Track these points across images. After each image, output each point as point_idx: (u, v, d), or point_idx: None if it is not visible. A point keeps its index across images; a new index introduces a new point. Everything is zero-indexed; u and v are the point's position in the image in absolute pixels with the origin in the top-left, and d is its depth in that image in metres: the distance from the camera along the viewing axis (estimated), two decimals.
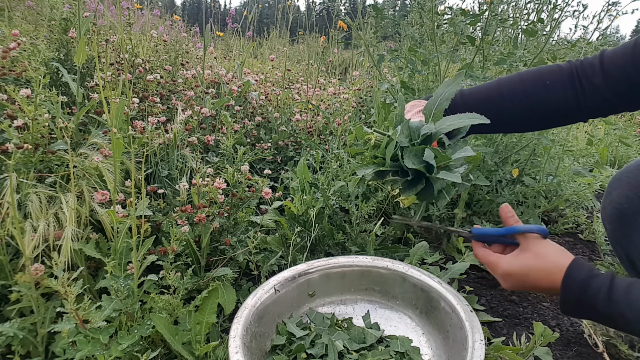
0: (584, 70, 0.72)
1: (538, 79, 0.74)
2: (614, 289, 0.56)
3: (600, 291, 0.56)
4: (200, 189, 1.11)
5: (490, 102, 0.77)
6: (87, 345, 0.77)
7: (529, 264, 0.63)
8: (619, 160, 2.68)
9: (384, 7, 1.59)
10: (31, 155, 1.03)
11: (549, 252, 0.62)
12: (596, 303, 0.56)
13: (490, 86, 0.78)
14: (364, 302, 1.03)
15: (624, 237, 0.75)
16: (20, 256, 0.88)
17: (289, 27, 4.69)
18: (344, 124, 1.90)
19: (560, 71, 0.74)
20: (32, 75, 1.11)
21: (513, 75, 0.78)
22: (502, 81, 0.78)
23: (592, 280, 0.57)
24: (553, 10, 1.38)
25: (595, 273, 0.58)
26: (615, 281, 0.56)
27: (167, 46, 2.23)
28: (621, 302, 0.55)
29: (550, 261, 0.62)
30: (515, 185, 1.45)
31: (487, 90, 0.78)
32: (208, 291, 0.91)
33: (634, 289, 0.55)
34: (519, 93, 0.75)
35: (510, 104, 0.76)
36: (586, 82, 0.71)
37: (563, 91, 0.73)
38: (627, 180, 0.75)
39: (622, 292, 0.55)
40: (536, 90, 0.74)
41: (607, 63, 0.70)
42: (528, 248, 0.64)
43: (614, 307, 0.55)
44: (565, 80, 0.73)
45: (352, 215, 1.30)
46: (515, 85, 0.75)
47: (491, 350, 0.92)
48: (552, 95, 0.73)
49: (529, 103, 0.75)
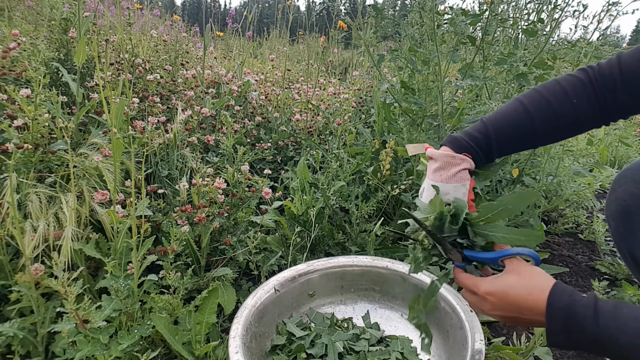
0: (604, 80, 0.70)
1: (565, 99, 0.72)
2: (600, 312, 0.53)
3: (586, 316, 0.53)
4: (200, 189, 1.11)
5: (522, 132, 0.74)
6: (87, 345, 0.77)
7: (510, 282, 0.61)
8: (619, 160, 2.68)
9: (384, 7, 1.59)
10: (31, 155, 1.03)
11: (533, 272, 0.61)
12: (583, 328, 0.53)
13: (518, 115, 0.74)
14: (364, 302, 1.03)
15: (628, 234, 0.75)
16: (20, 256, 0.88)
17: (289, 27, 4.69)
18: (344, 124, 1.90)
19: (583, 87, 0.72)
20: (32, 75, 1.11)
21: (536, 97, 0.74)
22: (527, 106, 0.74)
23: (574, 306, 0.55)
24: (553, 10, 1.38)
25: (577, 298, 0.56)
26: (599, 304, 0.54)
27: (167, 46, 2.23)
28: (610, 327, 0.52)
29: (531, 279, 0.60)
30: (515, 185, 1.45)
31: (516, 119, 0.74)
32: (208, 291, 0.91)
33: (621, 311, 0.53)
34: (549, 117, 0.73)
35: (541, 128, 0.74)
36: (608, 92, 0.71)
37: (589, 106, 0.72)
38: (633, 177, 0.74)
39: (609, 315, 0.52)
40: (564, 110, 0.73)
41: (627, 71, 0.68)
42: (512, 269, 0.63)
43: (603, 332, 0.52)
44: (589, 94, 0.72)
45: (352, 215, 1.30)
46: (542, 108, 0.72)
47: (491, 350, 0.92)
48: (579, 111, 0.73)
49: (559, 124, 0.74)
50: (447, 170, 0.72)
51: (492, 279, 0.64)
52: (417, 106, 1.45)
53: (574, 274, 1.46)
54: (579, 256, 1.59)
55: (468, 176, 0.73)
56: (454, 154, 0.72)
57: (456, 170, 0.72)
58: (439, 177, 0.72)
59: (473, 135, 0.74)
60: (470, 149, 0.73)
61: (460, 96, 1.58)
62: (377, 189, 1.40)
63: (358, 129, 1.80)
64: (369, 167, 1.44)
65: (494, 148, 0.74)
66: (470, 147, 0.73)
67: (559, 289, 0.58)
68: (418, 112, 1.50)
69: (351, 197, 1.35)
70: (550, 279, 0.59)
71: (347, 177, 1.38)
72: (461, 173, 0.72)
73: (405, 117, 1.59)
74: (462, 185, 0.72)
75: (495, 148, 0.74)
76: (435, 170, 0.72)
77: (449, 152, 0.73)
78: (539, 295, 0.58)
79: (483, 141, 0.74)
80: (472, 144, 0.73)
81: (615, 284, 1.41)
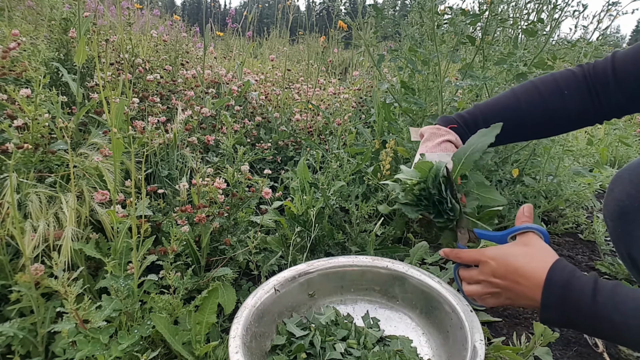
0: (597, 77, 0.71)
1: (556, 89, 0.73)
2: (599, 290, 0.53)
3: (584, 292, 0.54)
4: (200, 189, 1.11)
5: (510, 117, 0.76)
6: (87, 345, 0.77)
7: (514, 250, 0.62)
8: (619, 160, 2.68)
9: (384, 7, 1.59)
10: (31, 155, 1.03)
11: (540, 246, 0.62)
12: (580, 304, 0.54)
13: (509, 101, 0.77)
14: (364, 302, 1.03)
15: (625, 234, 0.75)
16: (20, 256, 0.88)
17: (289, 27, 4.69)
18: (344, 124, 1.90)
19: (576, 80, 0.73)
20: (32, 75, 1.11)
21: (529, 87, 0.76)
22: (518, 94, 0.77)
23: (574, 280, 0.55)
24: (553, 10, 1.38)
25: (578, 274, 0.56)
26: (599, 283, 0.54)
27: (167, 46, 2.23)
28: (607, 305, 0.52)
29: (536, 251, 0.61)
30: (515, 185, 1.45)
31: (506, 105, 0.77)
32: (208, 291, 0.91)
33: (620, 290, 0.53)
34: (538, 106, 0.74)
35: (530, 117, 0.75)
36: (600, 89, 0.71)
37: (581, 101, 0.73)
38: (630, 178, 0.75)
39: (607, 294, 0.53)
40: (555, 102, 0.74)
41: (619, 70, 0.69)
42: (521, 241, 0.64)
43: (600, 310, 0.52)
44: (582, 88, 0.73)
45: (352, 215, 1.30)
46: (533, 98, 0.75)
47: (491, 350, 0.92)
48: (570, 105, 0.73)
49: (548, 115, 0.75)
50: (432, 140, 0.76)
51: (499, 246, 0.65)
52: (417, 106, 1.45)
53: None
54: (579, 256, 1.59)
55: (453, 147, 0.77)
56: (440, 127, 0.78)
57: (440, 140, 0.76)
58: (424, 148, 0.76)
59: (461, 115, 0.80)
60: (456, 123, 0.79)
61: (460, 96, 1.58)
62: (377, 189, 1.40)
63: (358, 129, 1.80)
64: (369, 167, 1.44)
65: (480, 126, 0.77)
66: (456, 122, 0.79)
67: (561, 264, 0.58)
68: (418, 112, 1.50)
69: (351, 197, 1.35)
70: (555, 256, 0.60)
71: (347, 177, 1.38)
72: (445, 144, 0.76)
73: (405, 117, 1.59)
74: (447, 154, 0.75)
75: (481, 126, 0.77)
76: (423, 142, 0.77)
77: (437, 127, 0.79)
78: (539, 265, 0.58)
79: (470, 119, 0.78)
80: (458, 120, 0.79)
81: None
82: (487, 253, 0.64)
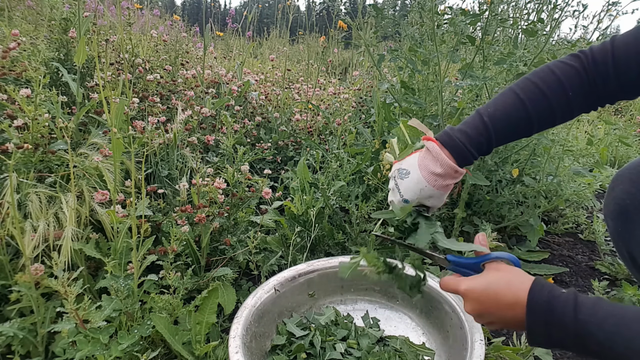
0: (597, 69, 0.70)
1: (560, 90, 0.71)
2: (579, 308, 0.52)
3: (565, 312, 0.53)
4: (200, 189, 1.11)
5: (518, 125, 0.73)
6: (87, 345, 0.77)
7: (489, 278, 0.61)
8: (619, 160, 2.67)
9: (384, 7, 1.59)
10: (31, 155, 1.03)
11: (512, 270, 0.61)
12: (563, 323, 0.53)
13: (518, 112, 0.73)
14: (364, 302, 1.03)
15: (626, 233, 0.75)
16: (20, 256, 0.88)
17: (289, 27, 4.69)
18: (344, 124, 1.90)
19: (578, 77, 0.70)
20: (32, 75, 1.11)
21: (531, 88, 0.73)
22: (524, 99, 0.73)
23: (554, 301, 0.54)
24: (553, 10, 1.38)
25: (557, 293, 0.55)
26: (580, 300, 0.53)
27: (167, 46, 2.23)
28: (589, 323, 0.51)
29: (511, 275, 0.60)
30: (515, 185, 1.45)
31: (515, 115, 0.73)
32: (208, 291, 0.91)
33: (601, 306, 0.52)
34: (545, 110, 0.72)
35: (537, 121, 0.73)
36: (600, 82, 0.70)
37: (584, 98, 0.72)
38: (630, 177, 0.75)
39: (588, 312, 0.52)
40: (560, 103, 0.72)
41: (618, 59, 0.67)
42: (492, 267, 0.63)
43: (583, 328, 0.51)
44: (584, 85, 0.71)
45: (352, 215, 1.30)
46: (539, 101, 0.71)
47: (491, 350, 0.92)
48: (574, 104, 0.72)
49: (553, 116, 0.73)
50: (444, 180, 0.72)
51: (473, 277, 0.64)
52: (417, 106, 1.45)
53: (574, 274, 1.46)
54: (579, 256, 1.59)
55: (450, 187, 0.75)
56: (457, 168, 0.71)
57: (451, 182, 0.73)
58: (433, 181, 0.72)
59: (477, 142, 0.72)
60: (472, 159, 0.73)
61: (460, 96, 1.58)
62: (377, 189, 1.40)
63: (358, 129, 1.80)
64: (369, 167, 1.44)
65: (492, 148, 0.75)
66: (473, 159, 0.73)
67: (539, 284, 0.57)
68: (418, 112, 1.50)
69: (351, 197, 1.35)
70: (529, 277, 0.59)
71: (347, 177, 1.38)
72: (450, 186, 0.74)
73: (405, 117, 1.59)
74: (447, 193, 0.75)
75: (493, 147, 0.75)
76: (433, 173, 0.72)
77: (452, 161, 0.72)
78: (518, 288, 0.57)
79: (485, 146, 0.73)
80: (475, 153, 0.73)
81: (615, 284, 1.41)
82: (463, 286, 0.63)
